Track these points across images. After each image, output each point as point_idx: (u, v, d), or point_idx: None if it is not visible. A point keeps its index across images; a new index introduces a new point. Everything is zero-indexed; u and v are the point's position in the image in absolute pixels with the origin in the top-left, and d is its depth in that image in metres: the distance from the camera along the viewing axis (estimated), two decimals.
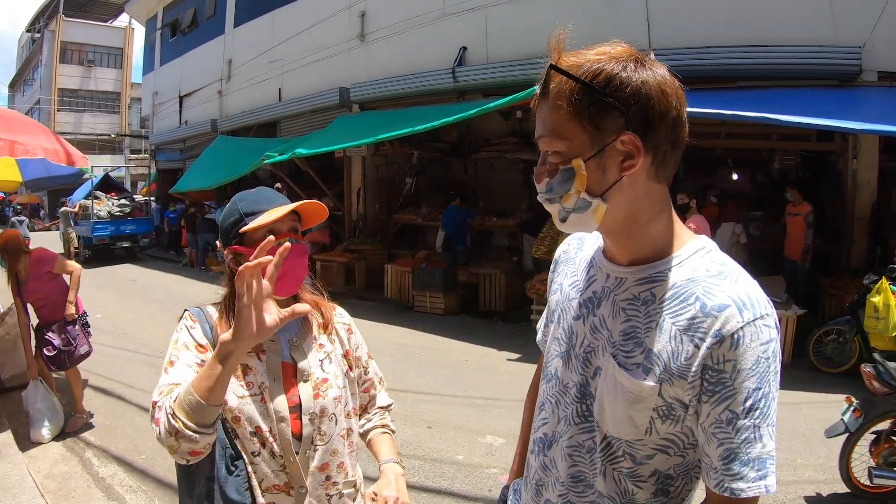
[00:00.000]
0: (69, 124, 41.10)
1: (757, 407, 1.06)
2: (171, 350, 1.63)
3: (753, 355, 1.05)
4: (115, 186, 23.16)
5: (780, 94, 8.63)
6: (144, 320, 10.11)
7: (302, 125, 16.14)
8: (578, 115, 1.09)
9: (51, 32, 42.42)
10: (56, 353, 5.34)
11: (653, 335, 1.13)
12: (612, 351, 1.19)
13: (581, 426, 1.26)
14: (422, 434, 5.34)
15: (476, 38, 12.10)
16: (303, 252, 1.67)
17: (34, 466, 4.66)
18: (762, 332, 1.06)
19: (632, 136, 1.09)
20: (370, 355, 2.00)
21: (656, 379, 1.11)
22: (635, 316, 1.17)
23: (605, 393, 1.19)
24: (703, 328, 1.07)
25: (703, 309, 1.08)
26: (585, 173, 1.11)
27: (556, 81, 1.12)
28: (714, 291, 1.09)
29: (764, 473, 1.06)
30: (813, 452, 5.02)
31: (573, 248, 1.47)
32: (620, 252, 1.23)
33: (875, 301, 6.37)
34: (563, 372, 1.32)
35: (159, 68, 25.19)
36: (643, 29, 9.79)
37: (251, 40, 18.33)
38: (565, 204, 1.15)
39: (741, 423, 1.06)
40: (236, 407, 1.59)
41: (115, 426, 5.52)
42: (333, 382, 1.74)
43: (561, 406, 1.32)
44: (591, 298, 1.29)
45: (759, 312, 1.07)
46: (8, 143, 4.76)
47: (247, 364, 1.64)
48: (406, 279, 11.44)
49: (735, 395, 1.06)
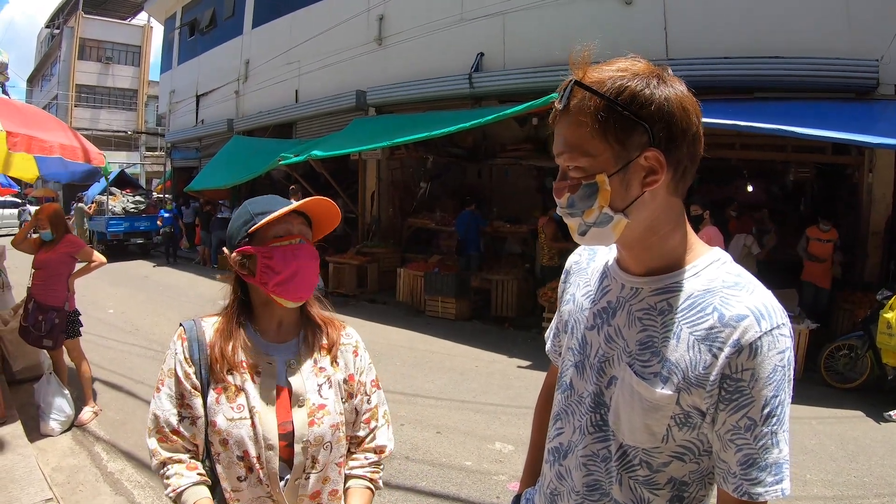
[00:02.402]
0: (86, 120, 41.34)
1: (774, 414, 1.08)
2: (162, 370, 1.63)
3: (771, 364, 1.07)
4: (131, 183, 23.33)
5: (797, 106, 8.57)
6: (156, 317, 10.16)
7: (318, 127, 16.17)
8: (603, 132, 1.10)
9: (70, 29, 42.70)
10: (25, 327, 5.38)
11: (670, 344, 1.15)
12: (629, 360, 1.20)
13: (595, 435, 1.27)
14: (430, 439, 5.32)
15: (493, 44, 12.11)
16: (313, 256, 1.65)
17: (43, 459, 4.68)
18: (779, 341, 1.08)
19: (656, 152, 1.10)
20: (377, 383, 1.84)
21: (674, 388, 1.13)
22: (651, 326, 1.19)
23: (621, 402, 1.21)
24: (722, 338, 1.09)
25: (721, 319, 1.10)
26: (609, 189, 1.12)
27: (578, 97, 1.12)
28: (731, 302, 1.11)
29: (780, 478, 1.09)
30: (822, 468, 4.97)
31: (585, 258, 1.48)
32: (636, 263, 1.24)
33: (888, 317, 6.33)
34: (578, 382, 1.33)
35: (177, 67, 25.31)
36: (660, 37, 9.78)
37: (269, 41, 18.41)
38: (587, 219, 1.16)
39: (759, 431, 1.08)
40: (225, 430, 1.54)
41: (125, 421, 5.56)
42: (332, 409, 1.66)
43: (576, 416, 1.32)
44: (606, 308, 1.29)
45: (776, 322, 1.08)
46: (26, 138, 4.79)
47: (240, 386, 1.58)
48: (418, 283, 11.44)
49: (753, 403, 1.08)
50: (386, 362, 7.64)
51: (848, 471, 4.95)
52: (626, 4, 10.24)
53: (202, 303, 11.36)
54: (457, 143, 13.14)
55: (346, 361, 1.75)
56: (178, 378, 1.58)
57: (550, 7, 11.05)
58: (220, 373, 1.58)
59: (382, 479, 1.80)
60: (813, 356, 7.43)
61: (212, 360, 1.59)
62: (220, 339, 1.62)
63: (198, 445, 1.58)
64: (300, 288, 1.62)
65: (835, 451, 5.33)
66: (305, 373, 1.66)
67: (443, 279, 10.85)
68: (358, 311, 10.80)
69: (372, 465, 1.76)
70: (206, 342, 1.62)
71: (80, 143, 5.78)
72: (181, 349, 1.61)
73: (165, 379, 1.60)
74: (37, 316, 5.28)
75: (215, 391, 1.57)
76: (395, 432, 5.33)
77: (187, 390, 1.57)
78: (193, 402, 1.57)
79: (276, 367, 1.63)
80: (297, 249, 1.61)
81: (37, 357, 6.16)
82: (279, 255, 1.58)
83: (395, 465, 4.68)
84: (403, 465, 4.74)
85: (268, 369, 1.62)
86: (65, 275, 5.40)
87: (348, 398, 1.74)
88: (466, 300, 10.88)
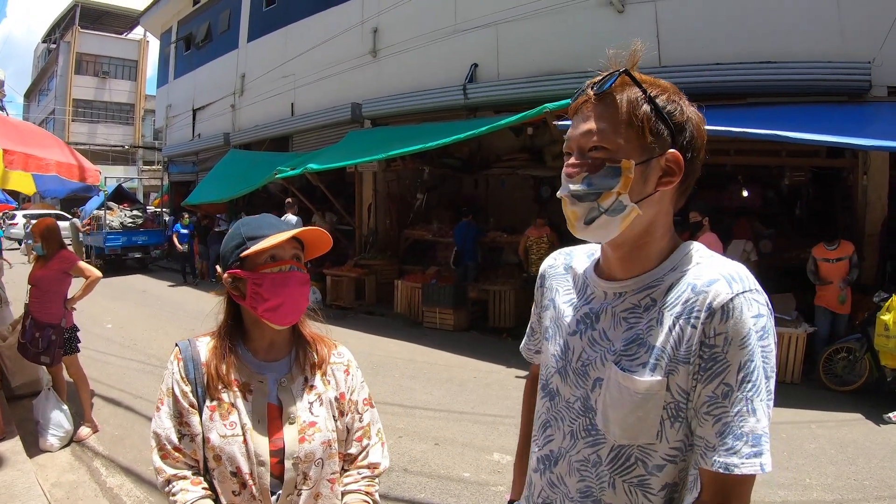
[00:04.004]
0: (83, 135, 41.46)
1: (749, 380, 1.07)
2: (161, 389, 1.66)
3: (745, 327, 1.07)
4: (128, 197, 23.30)
5: (790, 110, 8.62)
6: (154, 331, 10.13)
7: (314, 140, 16.23)
8: (639, 122, 1.16)
9: (66, 44, 42.91)
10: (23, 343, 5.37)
11: (655, 332, 1.17)
12: (614, 359, 1.21)
13: (586, 440, 1.27)
14: (429, 451, 5.31)
15: (487, 55, 12.17)
16: (304, 281, 1.65)
17: (42, 474, 4.67)
18: (752, 304, 1.09)
19: (677, 153, 1.18)
20: (369, 402, 1.84)
21: (663, 372, 1.14)
22: (637, 322, 1.21)
23: (609, 402, 1.21)
24: (697, 306, 1.12)
25: (693, 289, 1.14)
26: (632, 176, 1.16)
27: (621, 86, 1.18)
28: (703, 272, 1.16)
29: (759, 451, 1.06)
30: (822, 472, 4.95)
31: (560, 262, 1.51)
32: (622, 267, 1.27)
33: (885, 319, 6.34)
34: (563, 387, 1.34)
35: (173, 81, 25.39)
36: (653, 45, 9.81)
37: (264, 55, 18.50)
38: (602, 202, 1.18)
39: (735, 396, 1.07)
40: (218, 446, 1.56)
41: (124, 437, 5.55)
42: (323, 426, 1.67)
43: (566, 421, 1.32)
44: (589, 314, 1.31)
45: (749, 286, 1.11)
46: (22, 156, 4.77)
47: (233, 403, 1.60)
48: (416, 295, 11.43)
49: (728, 369, 1.08)
50: (384, 374, 7.63)
51: (848, 474, 4.94)
52: (618, 13, 10.29)
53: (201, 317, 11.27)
54: (452, 153, 13.16)
55: (336, 380, 1.77)
56: (176, 397, 1.61)
57: (543, 17, 11.09)
58: (214, 391, 1.61)
59: (379, 493, 1.80)
60: (811, 360, 7.45)
61: (207, 378, 1.62)
62: (214, 358, 1.65)
63: (198, 461, 1.60)
64: (289, 314, 1.64)
65: (835, 455, 5.31)
66: (296, 391, 1.68)
67: (440, 290, 10.84)
68: (356, 324, 10.79)
69: (366, 480, 1.76)
70: (201, 361, 1.65)
71: (77, 160, 5.77)
72: (177, 369, 1.64)
73: (164, 398, 1.63)
74: (34, 333, 5.27)
75: (209, 408, 1.60)
76: (394, 444, 5.32)
77: (185, 408, 1.60)
78: (191, 419, 1.59)
79: (267, 385, 1.65)
80: (287, 277, 1.61)
81: (36, 372, 6.15)
82: (269, 283, 1.59)
83: (394, 478, 4.67)
84: (402, 478, 4.73)
85: (259, 388, 1.64)
86: (60, 292, 5.38)
87: (340, 416, 1.74)
88: (464, 311, 10.86)
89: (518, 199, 13.46)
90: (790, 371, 7.53)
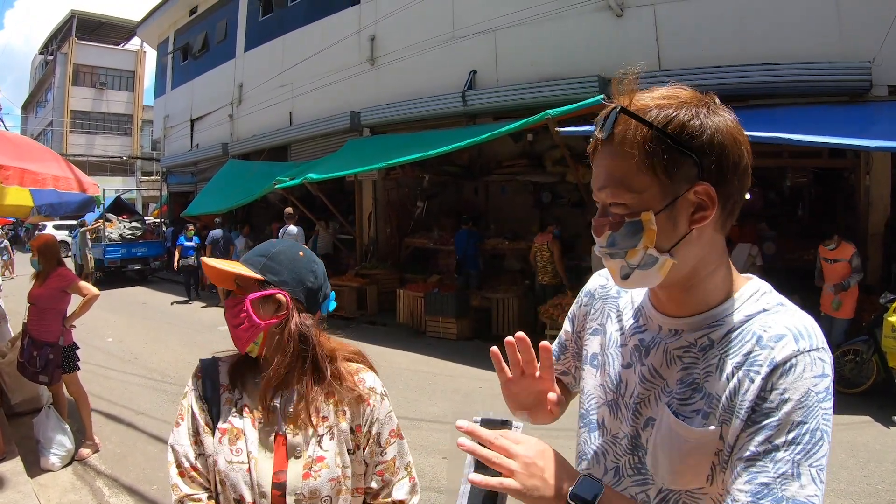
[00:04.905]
0: (81, 146, 41.50)
1: (799, 442, 0.95)
2: (182, 405, 1.63)
3: (804, 387, 0.97)
4: (127, 209, 23.29)
5: (792, 111, 8.62)
6: (155, 344, 10.10)
7: (313, 149, 16.21)
8: (651, 165, 1.02)
9: (63, 55, 43.01)
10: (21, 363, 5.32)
11: (712, 378, 1.07)
12: (667, 400, 1.13)
13: (634, 478, 1.19)
14: (437, 465, 5.21)
15: (486, 62, 12.17)
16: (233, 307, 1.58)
17: (44, 495, 4.63)
18: (816, 364, 0.99)
19: (706, 186, 1.03)
20: (396, 433, 1.73)
21: (717, 422, 1.05)
22: (693, 364, 1.11)
23: (660, 445, 1.13)
24: (760, 360, 1.01)
25: (759, 342, 1.03)
26: (655, 228, 1.05)
27: (623, 126, 1.05)
28: (771, 324, 1.04)
29: None
30: (834, 477, 4.91)
31: (612, 283, 1.36)
32: (674, 305, 1.17)
33: (892, 320, 6.33)
34: (611, 422, 1.26)
35: (170, 91, 25.41)
36: (653, 49, 9.81)
37: (262, 64, 18.50)
38: (630, 260, 1.08)
39: (780, 456, 0.95)
40: (223, 471, 1.52)
41: (126, 455, 5.48)
42: (332, 462, 1.57)
43: (609, 457, 1.26)
44: (638, 346, 1.23)
45: (816, 345, 1.01)
46: (18, 171, 4.73)
47: (242, 429, 1.56)
48: (418, 304, 11.38)
49: (778, 427, 0.97)
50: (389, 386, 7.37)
51: (860, 478, 4.92)
52: (617, 17, 10.28)
53: (201, 328, 11.37)
54: (452, 160, 13.12)
55: (352, 411, 1.66)
56: (194, 414, 1.59)
57: (541, 22, 11.09)
58: (226, 413, 1.58)
59: None
60: None
61: (222, 400, 1.60)
62: (230, 380, 1.63)
63: (211, 482, 1.57)
64: (235, 339, 1.61)
65: (845, 459, 5.29)
66: (306, 422, 1.59)
67: (443, 299, 10.79)
68: (358, 334, 10.73)
69: None
70: (220, 381, 1.63)
71: (74, 173, 5.73)
72: (196, 386, 1.63)
73: (185, 414, 1.60)
74: (31, 352, 5.22)
75: (220, 431, 1.56)
76: None
77: (201, 427, 1.57)
78: (205, 439, 1.56)
79: (277, 414, 1.59)
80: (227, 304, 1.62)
81: (36, 390, 6.11)
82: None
83: None
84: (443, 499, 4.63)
85: (269, 417, 1.59)
86: (59, 310, 5.33)
87: (356, 449, 1.65)
88: (467, 319, 10.81)
89: (519, 205, 13.43)
90: None
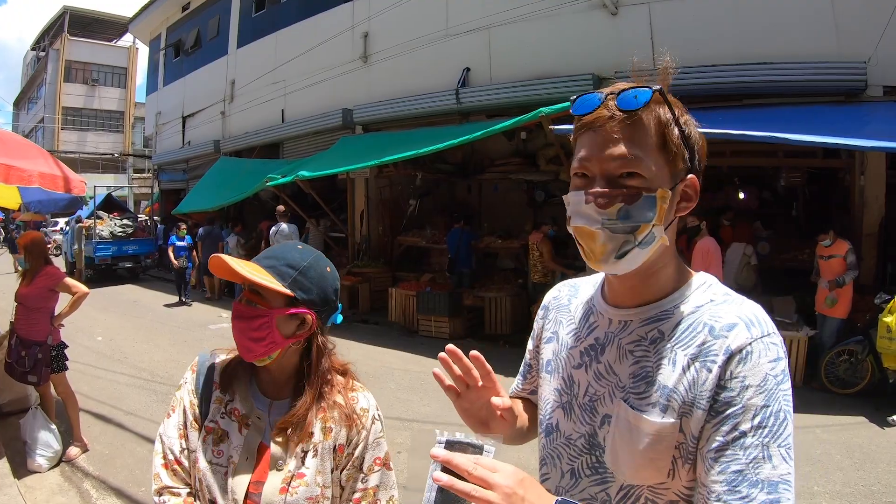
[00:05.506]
0: (73, 143, 41.39)
1: (765, 425, 0.98)
2: (175, 396, 1.61)
3: (761, 372, 1.01)
4: (118, 206, 23.15)
5: (787, 111, 8.61)
6: (145, 343, 10.01)
7: (305, 146, 16.16)
8: (665, 149, 1.09)
9: (55, 51, 42.85)
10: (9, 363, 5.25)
11: (665, 371, 1.09)
12: (623, 395, 1.14)
13: (592, 478, 1.19)
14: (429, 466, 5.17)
15: (479, 59, 12.13)
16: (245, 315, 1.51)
17: (30, 497, 4.57)
18: (770, 349, 1.03)
19: (695, 179, 1.14)
20: (383, 462, 1.66)
21: (676, 415, 1.06)
22: (644, 356, 1.13)
23: (619, 441, 1.13)
24: (714, 349, 1.04)
25: (711, 332, 1.07)
26: (666, 206, 1.09)
27: (651, 107, 1.08)
28: (721, 314, 1.08)
29: (776, 498, 0.95)
30: (829, 478, 4.93)
31: (565, 293, 1.43)
32: (629, 295, 1.19)
33: (887, 321, 6.33)
34: (565, 424, 1.26)
35: (163, 88, 25.31)
36: (647, 47, 9.77)
37: (254, 61, 18.42)
38: (638, 235, 1.08)
39: (749, 442, 0.98)
40: (202, 471, 1.49)
41: (114, 456, 5.41)
42: (311, 480, 1.51)
43: (564, 459, 1.25)
44: (594, 345, 1.24)
45: (767, 330, 1.05)
46: (4, 168, 4.68)
47: (227, 432, 1.52)
48: (411, 303, 11.34)
49: (743, 413, 0.99)
50: (380, 386, 7.51)
51: (855, 480, 4.91)
52: (611, 15, 10.25)
53: (192, 327, 11.31)
54: (445, 158, 13.10)
55: (339, 430, 1.59)
56: (185, 408, 1.57)
57: (535, 20, 11.06)
58: (215, 413, 1.55)
59: None
60: (812, 364, 7.38)
61: (213, 398, 1.57)
62: (222, 380, 1.59)
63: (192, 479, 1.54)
64: (241, 348, 1.53)
65: (841, 460, 5.29)
66: (292, 436, 1.54)
67: (435, 298, 10.75)
68: (350, 333, 10.67)
69: None
70: (214, 379, 1.60)
71: (62, 171, 5.66)
72: (191, 380, 1.61)
73: (176, 406, 1.59)
74: (20, 352, 5.15)
75: (206, 429, 1.54)
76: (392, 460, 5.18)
77: (189, 421, 1.56)
78: (191, 434, 1.54)
79: (264, 422, 1.56)
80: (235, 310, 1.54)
81: (24, 389, 6.03)
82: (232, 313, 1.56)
83: None
84: (402, 496, 4.59)
85: (256, 423, 1.55)
86: (47, 309, 5.26)
87: (335, 469, 1.59)
88: (460, 318, 10.76)
89: (511, 203, 13.41)
90: (792, 375, 7.44)
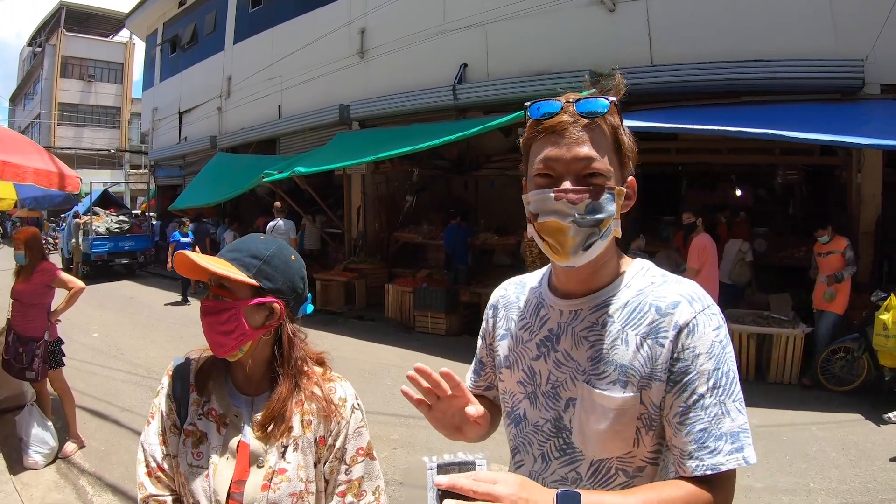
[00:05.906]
0: (69, 139, 41.19)
1: (719, 385, 1.15)
2: (153, 403, 1.59)
3: (708, 340, 1.17)
4: (114, 202, 23.10)
5: (784, 108, 8.61)
6: (141, 339, 10.01)
7: (301, 142, 16.12)
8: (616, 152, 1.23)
9: (52, 47, 42.63)
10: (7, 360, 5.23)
11: (620, 350, 1.22)
12: (585, 378, 1.25)
13: (561, 460, 1.30)
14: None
15: (476, 55, 12.08)
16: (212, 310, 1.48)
17: (26, 494, 4.56)
18: (711, 319, 1.20)
19: (633, 179, 1.27)
20: (366, 452, 1.61)
21: (636, 388, 1.20)
22: (599, 340, 1.25)
23: (585, 420, 1.25)
24: (664, 326, 1.19)
25: (658, 311, 1.21)
26: (620, 202, 1.23)
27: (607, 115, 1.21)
28: (664, 294, 1.23)
29: (739, 446, 1.13)
30: (825, 476, 4.93)
31: (512, 292, 1.52)
32: (580, 285, 1.31)
33: (884, 318, 6.33)
34: (532, 412, 1.36)
35: (159, 84, 25.25)
36: (644, 44, 9.77)
37: (251, 57, 18.36)
38: (603, 228, 1.20)
39: (708, 402, 1.14)
40: (184, 474, 1.47)
41: (110, 452, 5.41)
42: (293, 475, 1.48)
43: (534, 445, 1.35)
44: (549, 336, 1.34)
45: (707, 303, 1.22)
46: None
47: (206, 433, 1.50)
48: (407, 299, 11.33)
49: (698, 378, 1.15)
50: (376, 382, 7.52)
51: (851, 477, 4.92)
52: (609, 12, 10.22)
53: (188, 323, 11.26)
54: (442, 155, 13.10)
55: (318, 422, 1.56)
56: (163, 414, 1.55)
57: (532, 16, 11.02)
58: (192, 415, 1.54)
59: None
60: (808, 361, 7.39)
61: (190, 400, 1.56)
62: (197, 381, 1.57)
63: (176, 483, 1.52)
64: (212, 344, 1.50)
65: (837, 458, 5.29)
66: (271, 432, 1.51)
67: (432, 294, 10.74)
68: (346, 329, 10.67)
69: None
70: (190, 381, 1.57)
71: (57, 167, 5.64)
72: (167, 385, 1.59)
73: (155, 413, 1.57)
74: (17, 348, 5.13)
75: (185, 433, 1.53)
76: (388, 457, 5.19)
77: (169, 427, 1.54)
78: (171, 440, 1.53)
79: (242, 420, 1.53)
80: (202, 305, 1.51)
81: (20, 386, 5.99)
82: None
83: (389, 492, 4.54)
84: (398, 492, 4.63)
85: (234, 422, 1.53)
86: (43, 305, 5.24)
87: (317, 462, 1.56)
88: (456, 315, 10.75)
89: (508, 199, 13.35)
90: (788, 372, 7.47)
